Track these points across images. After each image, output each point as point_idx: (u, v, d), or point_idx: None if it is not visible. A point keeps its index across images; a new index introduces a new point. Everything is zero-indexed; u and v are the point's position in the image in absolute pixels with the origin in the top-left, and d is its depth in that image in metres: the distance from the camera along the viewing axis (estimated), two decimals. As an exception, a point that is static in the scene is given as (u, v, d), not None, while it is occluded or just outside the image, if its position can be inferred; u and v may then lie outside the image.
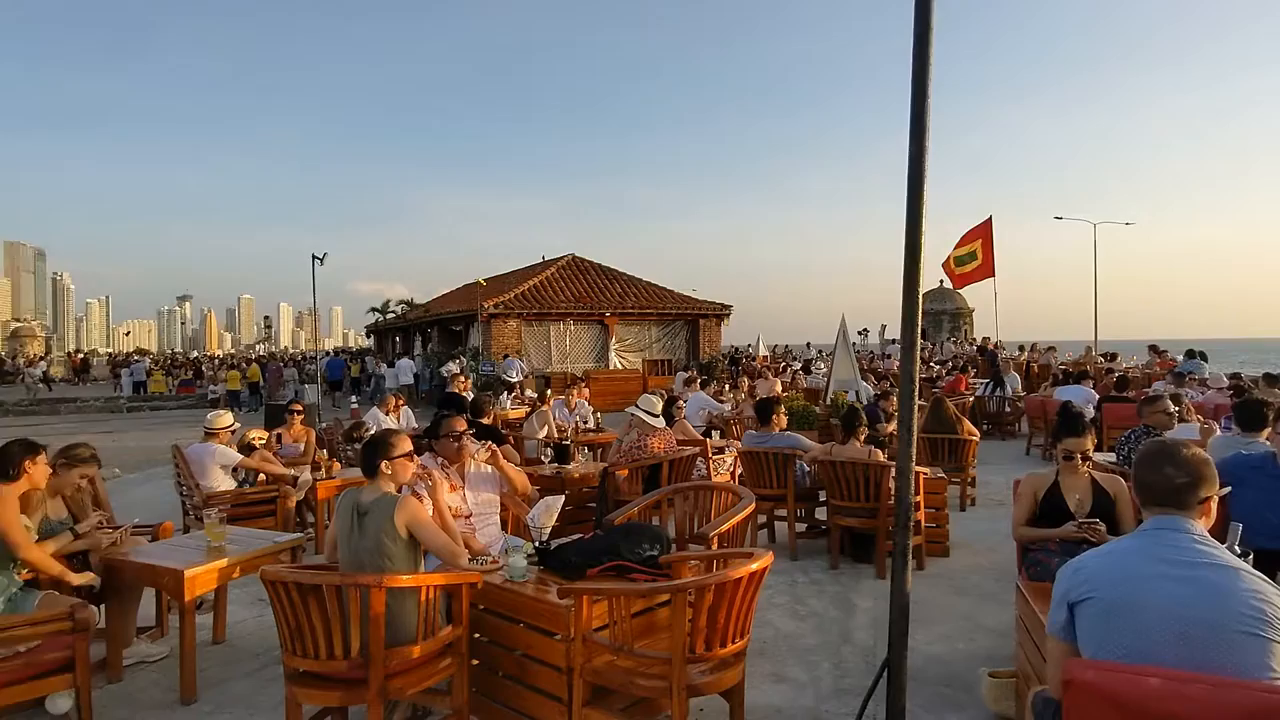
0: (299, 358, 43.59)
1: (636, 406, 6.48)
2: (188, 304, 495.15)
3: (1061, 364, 16.96)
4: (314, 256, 16.03)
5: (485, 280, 23.72)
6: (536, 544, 3.65)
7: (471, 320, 22.69)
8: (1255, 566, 3.38)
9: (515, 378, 18.43)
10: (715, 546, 3.88)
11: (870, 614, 4.87)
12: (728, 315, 25.67)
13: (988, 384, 13.30)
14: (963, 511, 7.75)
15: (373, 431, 6.33)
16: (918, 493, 5.79)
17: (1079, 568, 2.17)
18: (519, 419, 11.25)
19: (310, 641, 2.93)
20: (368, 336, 43.31)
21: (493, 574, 3.42)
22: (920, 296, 2.74)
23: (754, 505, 4.27)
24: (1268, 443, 4.19)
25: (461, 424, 4.21)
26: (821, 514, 6.50)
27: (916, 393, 2.84)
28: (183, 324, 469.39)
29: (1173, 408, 5.75)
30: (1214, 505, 2.23)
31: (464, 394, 9.91)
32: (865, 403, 10.11)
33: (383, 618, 2.90)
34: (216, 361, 43.92)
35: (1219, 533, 3.02)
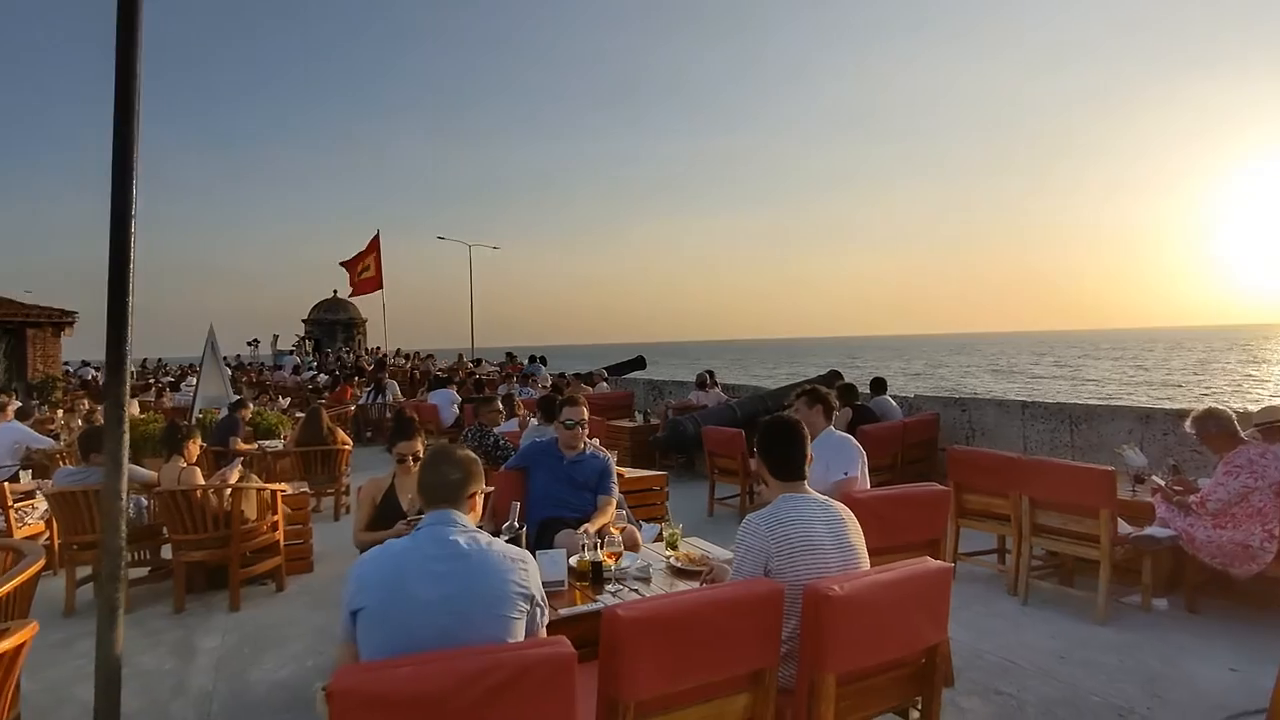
0: None
1: None
2: None
3: (438, 369, 18.61)
4: None
5: None
6: None
7: None
8: (543, 532, 4.16)
9: None
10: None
11: (216, 653, 4.44)
12: (71, 324, 20.93)
13: (370, 391, 13.72)
14: (337, 521, 7.79)
15: None
16: (275, 512, 5.56)
17: (356, 575, 2.22)
18: None
19: None
20: None
21: None
22: (131, 310, 2.53)
23: (42, 561, 3.43)
24: (554, 430, 5.22)
25: None
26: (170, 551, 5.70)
27: (125, 418, 2.58)
28: None
29: (501, 407, 6.76)
30: (480, 500, 2.50)
31: None
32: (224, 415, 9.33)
33: None
34: None
35: (507, 510, 3.60)
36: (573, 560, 3.40)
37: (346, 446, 8.28)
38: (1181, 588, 4.69)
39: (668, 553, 3.69)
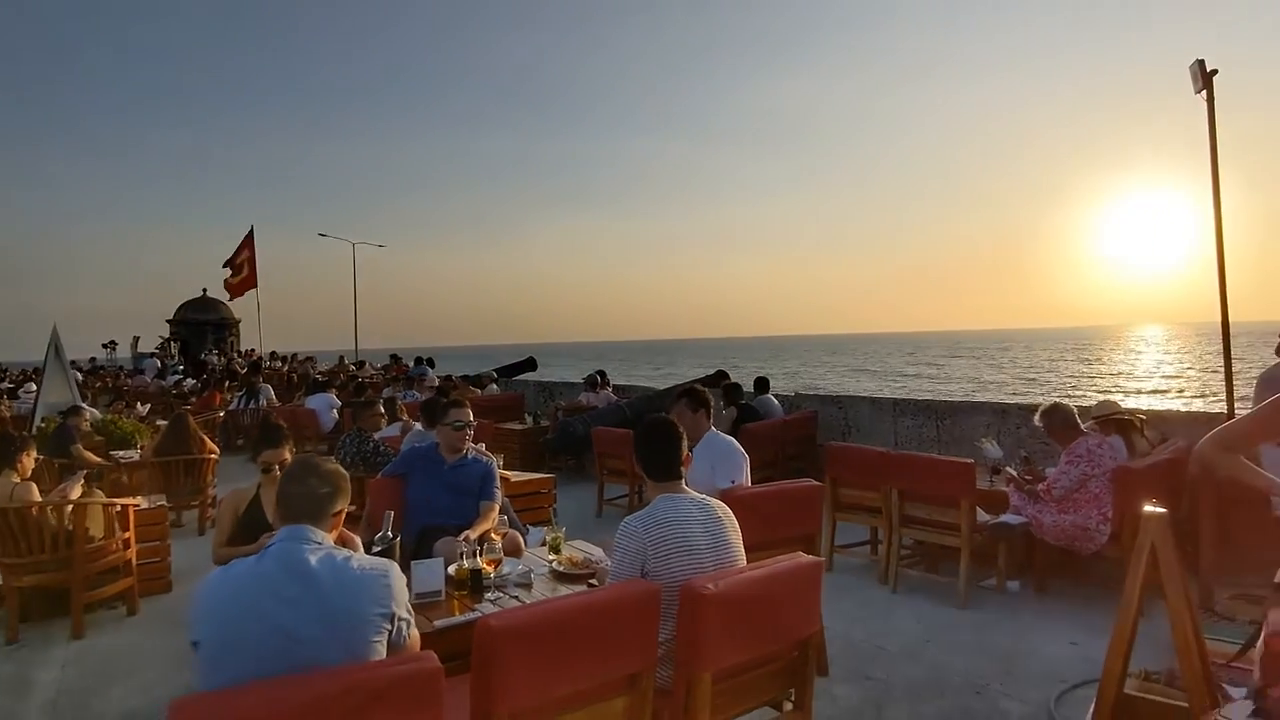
0: None
1: None
2: None
3: (317, 372, 17.74)
4: None
5: None
6: None
7: None
8: (423, 540, 4.02)
9: None
10: None
11: (55, 686, 4.05)
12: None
13: (242, 396, 12.93)
14: (201, 535, 7.28)
15: None
16: (126, 529, 5.14)
17: (195, 600, 2.01)
18: None
19: None
20: None
21: None
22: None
23: None
24: (435, 435, 5.06)
25: None
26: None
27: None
28: None
29: (383, 411, 6.51)
30: (343, 519, 2.35)
31: None
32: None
33: None
34: None
35: (392, 520, 3.44)
36: (451, 569, 3.30)
37: (213, 455, 7.75)
38: (1032, 570, 5.06)
39: (550, 557, 3.64)
